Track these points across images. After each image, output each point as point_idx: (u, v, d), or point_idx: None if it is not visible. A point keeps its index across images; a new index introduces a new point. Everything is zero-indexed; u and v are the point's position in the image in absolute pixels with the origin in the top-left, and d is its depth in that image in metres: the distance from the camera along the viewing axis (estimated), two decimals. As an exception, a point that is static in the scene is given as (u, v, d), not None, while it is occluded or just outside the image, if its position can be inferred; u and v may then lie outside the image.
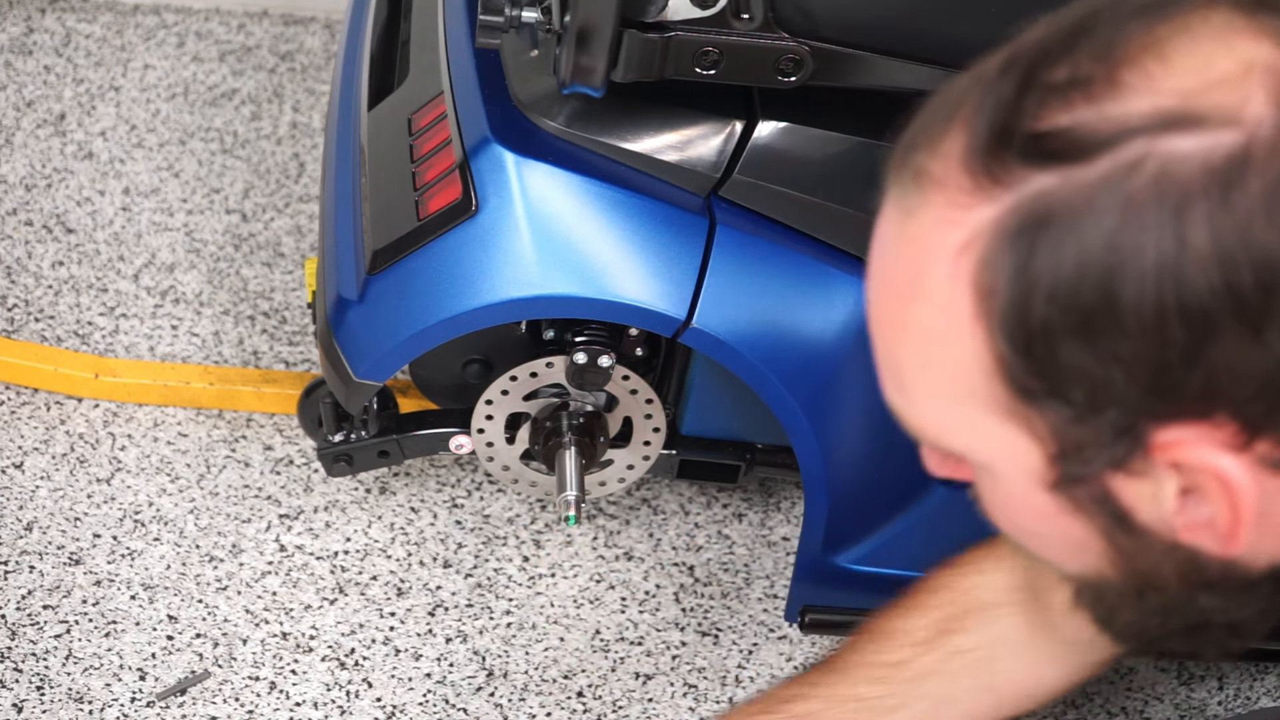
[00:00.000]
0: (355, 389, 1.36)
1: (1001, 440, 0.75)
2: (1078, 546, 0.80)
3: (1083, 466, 0.74)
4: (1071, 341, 0.69)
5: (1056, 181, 0.69)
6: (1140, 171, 0.67)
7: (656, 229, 1.29)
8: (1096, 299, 0.68)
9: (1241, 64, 0.69)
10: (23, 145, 1.96)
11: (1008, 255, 0.69)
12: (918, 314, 0.74)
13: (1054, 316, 0.69)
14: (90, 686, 1.41)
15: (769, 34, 1.18)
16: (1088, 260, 0.68)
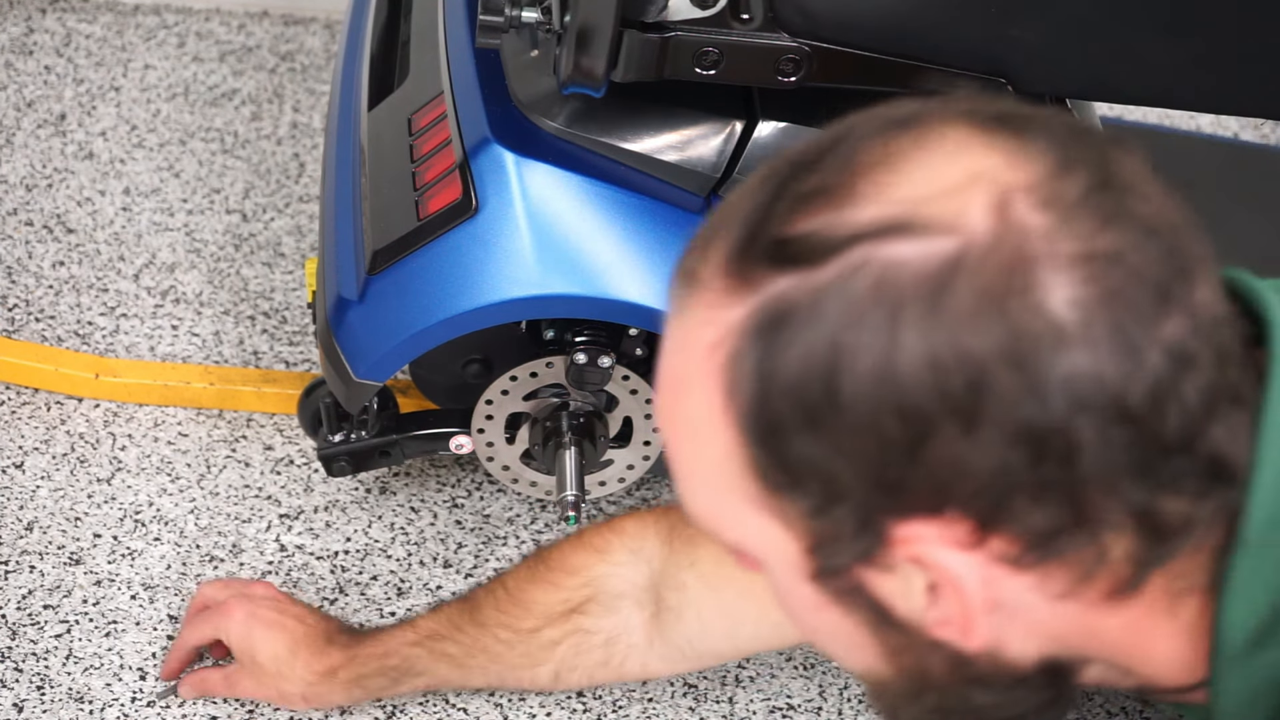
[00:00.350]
0: (355, 389, 1.36)
1: (762, 532, 0.78)
2: (851, 642, 0.83)
3: (834, 558, 0.77)
4: (801, 435, 0.72)
5: (793, 283, 0.72)
6: (862, 275, 0.70)
7: (656, 229, 1.29)
8: (819, 395, 0.71)
9: (967, 175, 0.72)
10: (23, 145, 1.96)
11: (749, 352, 0.73)
12: (684, 409, 0.77)
13: (785, 411, 0.72)
14: (91, 686, 1.41)
15: (769, 34, 1.18)
16: (813, 357, 0.71)
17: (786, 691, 1.47)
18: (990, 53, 1.21)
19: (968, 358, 0.69)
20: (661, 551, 1.24)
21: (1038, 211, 0.70)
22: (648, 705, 1.45)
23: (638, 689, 1.46)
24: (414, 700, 1.43)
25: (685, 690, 1.47)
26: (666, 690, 1.46)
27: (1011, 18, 1.19)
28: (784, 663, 1.50)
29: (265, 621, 1.32)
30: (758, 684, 1.48)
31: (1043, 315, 0.69)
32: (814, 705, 1.47)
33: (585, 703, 1.44)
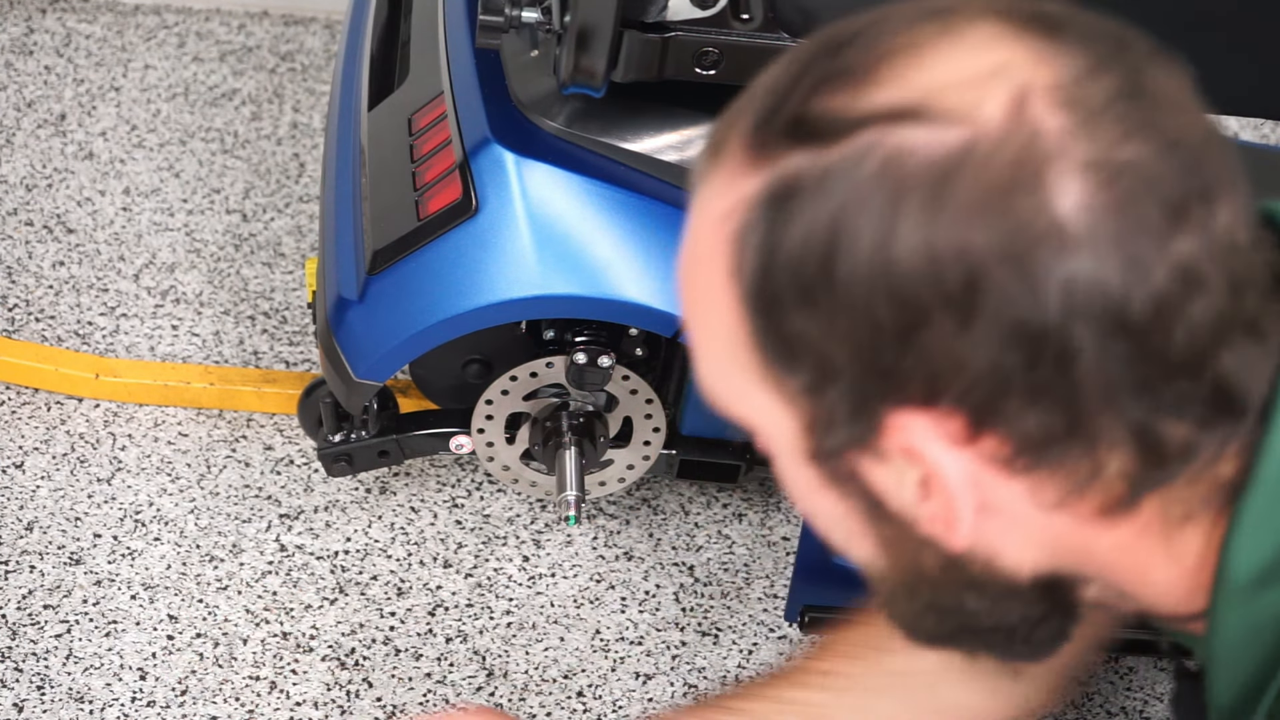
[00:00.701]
0: (355, 389, 1.36)
1: (764, 408, 0.79)
2: (848, 529, 0.83)
3: (829, 440, 0.77)
4: (797, 311, 0.73)
5: (805, 160, 0.73)
6: (870, 158, 0.71)
7: (656, 229, 1.29)
8: (816, 272, 0.72)
9: (990, 68, 0.72)
10: (23, 145, 1.96)
11: (756, 224, 0.74)
12: (694, 277, 0.78)
13: (784, 284, 0.73)
14: (91, 686, 1.41)
15: (769, 34, 1.18)
16: (814, 234, 0.72)
17: (786, 691, 1.47)
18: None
19: (966, 251, 0.69)
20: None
21: (1057, 111, 0.70)
22: (648, 705, 1.45)
23: (638, 689, 1.46)
24: (414, 701, 1.43)
25: (685, 690, 1.47)
26: (666, 690, 1.46)
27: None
28: (784, 662, 1.50)
29: None
30: (758, 684, 1.48)
31: (1046, 215, 0.69)
32: (814, 705, 1.47)
33: (585, 702, 1.44)
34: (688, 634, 1.51)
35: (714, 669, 1.49)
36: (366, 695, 1.43)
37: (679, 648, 1.50)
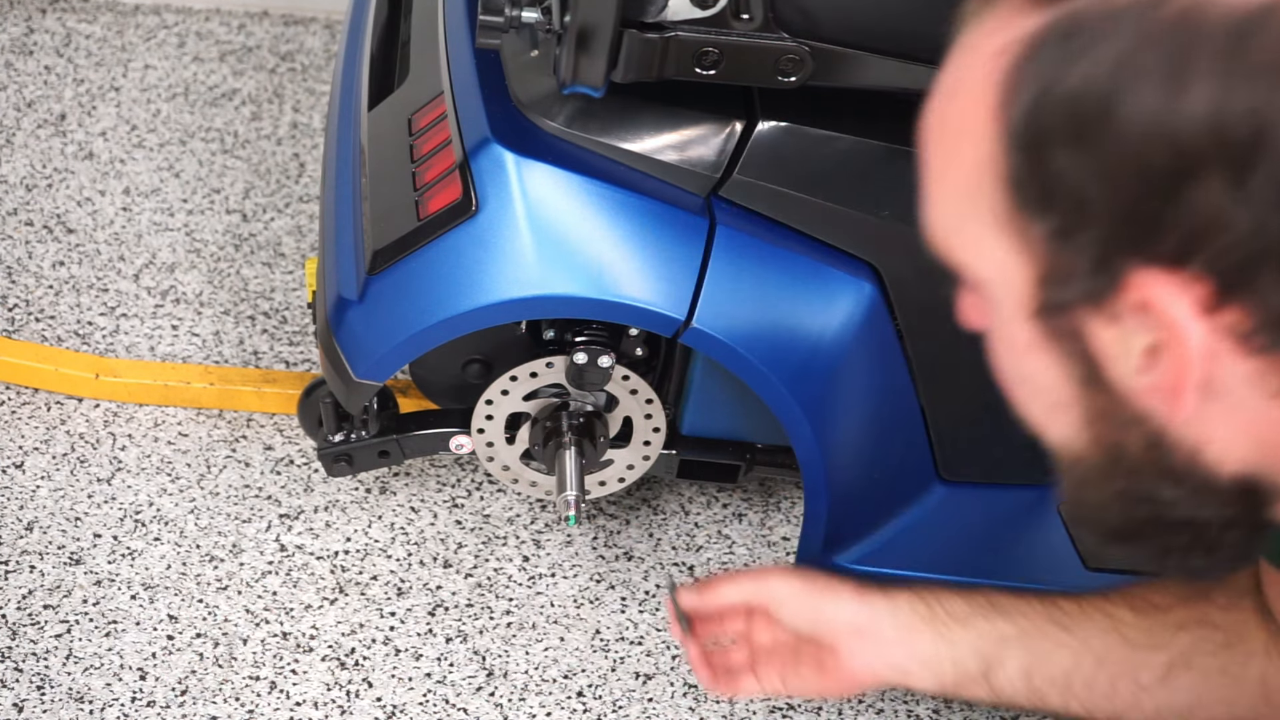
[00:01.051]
0: (355, 389, 1.36)
1: (996, 254, 0.78)
2: (1053, 398, 0.82)
3: (1063, 293, 0.76)
4: (1066, 148, 0.73)
5: (1095, 2, 0.73)
6: (1167, 5, 0.71)
7: (656, 229, 1.29)
8: (1094, 111, 0.71)
9: None
10: (23, 145, 1.96)
11: (1034, 59, 0.73)
12: (951, 111, 0.78)
13: (1055, 122, 0.73)
14: (91, 686, 1.41)
15: (769, 34, 1.18)
16: (1096, 74, 0.71)
17: (786, 691, 1.47)
18: (990, 53, 1.20)
19: (1256, 110, 0.69)
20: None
21: None
22: (648, 705, 1.45)
23: (638, 689, 1.46)
24: (414, 701, 1.43)
25: (685, 690, 1.47)
26: (666, 690, 1.46)
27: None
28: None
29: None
30: (758, 684, 1.48)
31: None
32: (814, 705, 1.47)
33: (585, 702, 1.44)
34: (688, 634, 1.51)
35: (714, 669, 1.49)
36: (366, 695, 1.43)
37: (679, 648, 1.50)
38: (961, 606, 1.21)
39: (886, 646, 1.19)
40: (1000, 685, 1.20)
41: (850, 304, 1.32)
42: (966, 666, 1.19)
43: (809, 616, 1.21)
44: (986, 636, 1.20)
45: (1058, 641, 1.19)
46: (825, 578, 1.22)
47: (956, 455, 1.44)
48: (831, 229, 1.31)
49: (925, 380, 1.38)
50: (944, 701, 1.48)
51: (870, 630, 1.19)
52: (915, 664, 1.19)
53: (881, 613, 1.20)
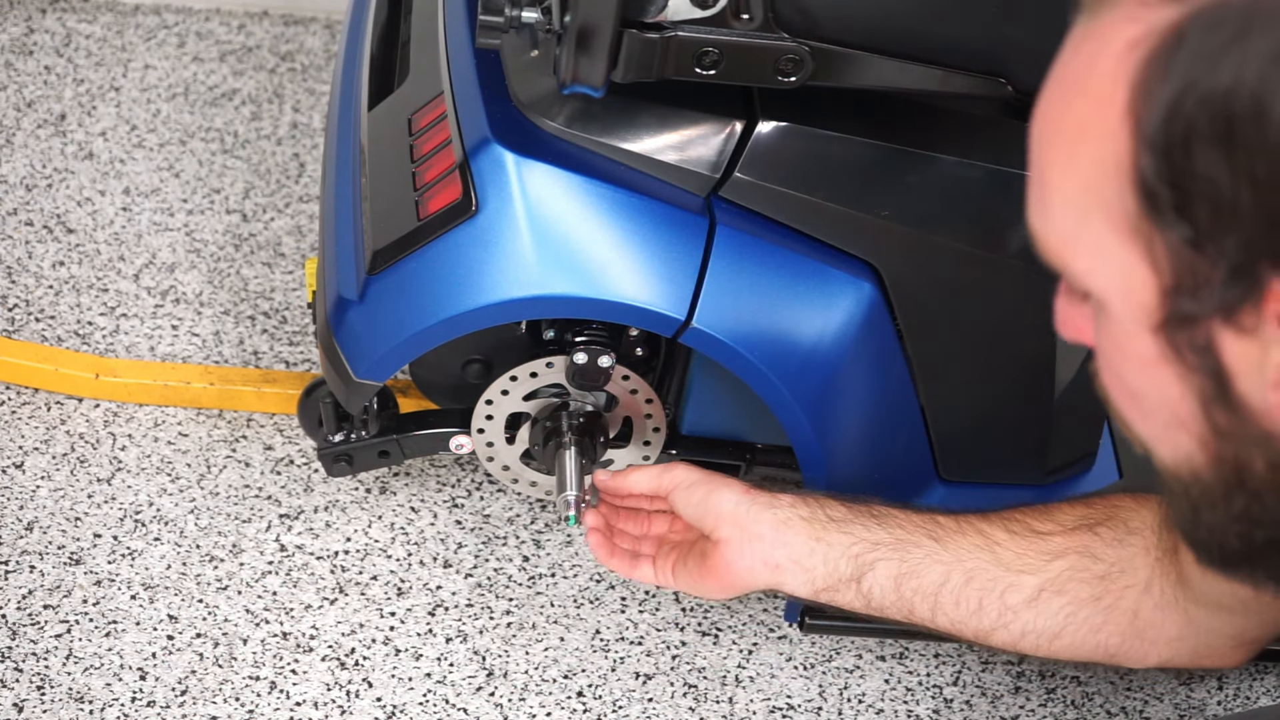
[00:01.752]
0: (355, 389, 1.36)
1: (1121, 264, 0.74)
2: (1174, 415, 0.78)
3: (1194, 304, 0.72)
4: (1210, 150, 0.68)
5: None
6: None
7: (656, 229, 1.29)
8: (1245, 111, 0.67)
9: None
10: (23, 145, 1.96)
11: (1176, 54, 0.69)
12: (1075, 109, 0.73)
13: (1200, 120, 0.68)
14: (91, 686, 1.41)
15: (769, 34, 1.18)
16: (1249, 69, 0.67)
17: (786, 691, 1.47)
18: (990, 52, 1.21)
19: None
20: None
21: None
22: (648, 705, 1.45)
23: (638, 689, 1.46)
24: (414, 701, 1.43)
25: (685, 690, 1.47)
26: (666, 690, 1.46)
27: (1011, 17, 1.19)
28: (784, 663, 1.50)
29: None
30: (758, 684, 1.48)
31: None
32: (814, 705, 1.47)
33: (585, 702, 1.44)
34: (688, 634, 1.51)
35: (714, 669, 1.49)
36: (366, 695, 1.43)
37: (679, 648, 1.50)
38: (841, 512, 1.24)
39: (762, 543, 1.23)
40: (870, 591, 1.23)
41: (850, 304, 1.32)
42: (838, 569, 1.22)
43: (697, 505, 1.25)
44: (861, 541, 1.22)
45: (930, 553, 1.21)
46: (722, 475, 1.27)
47: (956, 456, 1.44)
48: (831, 229, 1.31)
49: (925, 380, 1.38)
50: (944, 701, 1.49)
51: (749, 525, 1.23)
52: (789, 562, 1.22)
53: (762, 509, 1.23)
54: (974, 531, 1.21)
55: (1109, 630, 1.20)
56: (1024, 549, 1.20)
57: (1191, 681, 1.53)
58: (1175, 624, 1.18)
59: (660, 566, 1.31)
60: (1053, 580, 1.19)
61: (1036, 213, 0.78)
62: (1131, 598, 1.18)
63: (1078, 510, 1.21)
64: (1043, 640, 1.21)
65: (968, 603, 1.21)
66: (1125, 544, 1.19)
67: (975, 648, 1.53)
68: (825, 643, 1.52)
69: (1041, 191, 0.76)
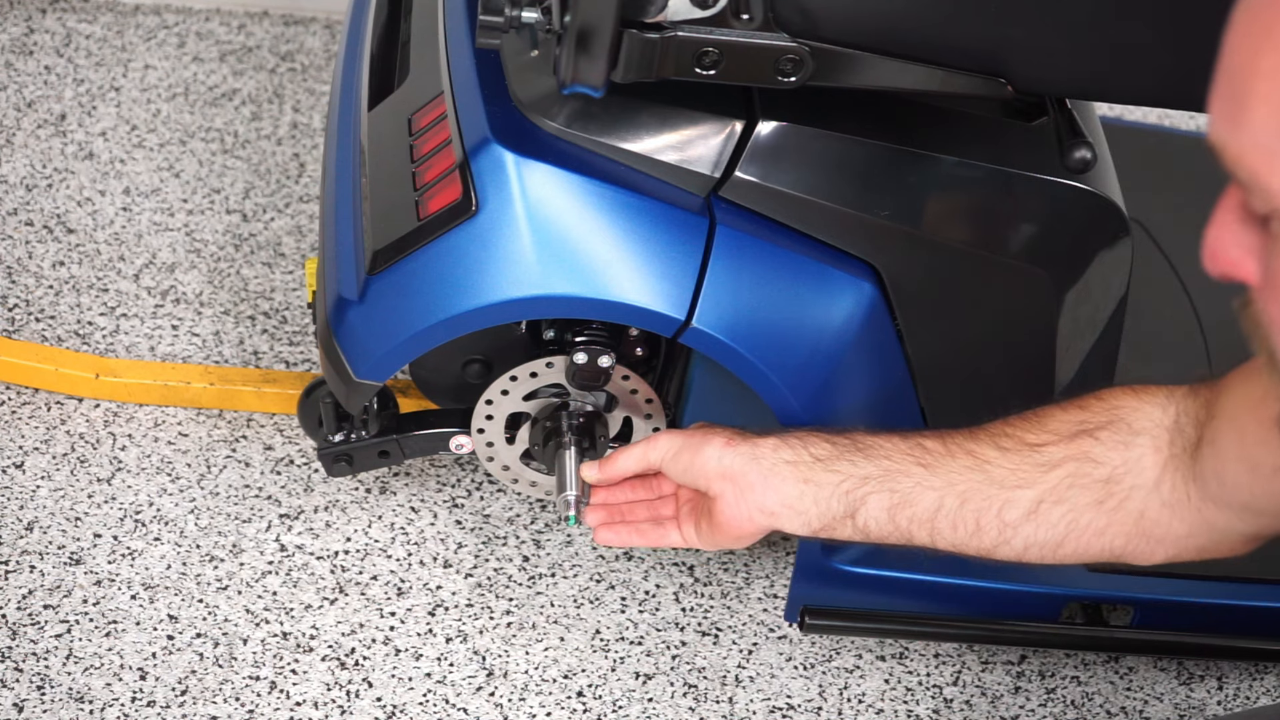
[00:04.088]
0: (355, 389, 1.36)
1: None
2: None
3: None
4: None
5: None
6: None
7: (656, 229, 1.29)
8: None
9: None
10: (23, 145, 1.96)
11: None
12: None
13: None
14: (91, 686, 1.41)
15: (769, 34, 1.18)
16: None
17: (786, 691, 1.48)
18: (989, 52, 1.21)
19: None
20: (1189, 396, 1.16)
21: None
22: (648, 705, 1.45)
23: (638, 689, 1.46)
24: (414, 701, 1.43)
25: (685, 690, 1.47)
26: (666, 690, 1.46)
27: (1010, 17, 1.19)
28: (784, 662, 1.50)
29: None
30: (758, 684, 1.48)
31: None
32: (814, 705, 1.47)
33: (585, 702, 1.45)
34: (688, 634, 1.51)
35: (714, 669, 1.49)
36: (366, 695, 1.43)
37: (679, 648, 1.50)
38: (826, 449, 1.24)
39: (754, 492, 1.23)
40: (866, 525, 1.23)
41: (850, 304, 1.32)
42: (831, 507, 1.23)
43: (685, 470, 1.26)
44: (850, 478, 1.22)
45: (920, 481, 1.21)
46: (702, 432, 1.27)
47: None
48: (831, 229, 1.31)
49: (925, 380, 1.38)
50: (944, 701, 1.49)
51: (738, 477, 1.23)
52: (782, 507, 1.23)
53: (746, 459, 1.24)
54: (963, 453, 1.21)
55: (1113, 532, 1.18)
56: (1017, 464, 1.19)
57: (1191, 682, 1.53)
58: (1185, 521, 1.17)
59: (685, 529, 1.32)
60: (1051, 490, 1.18)
61: (1227, 122, 0.74)
62: (1138, 498, 1.17)
63: (1073, 415, 1.19)
64: (1046, 550, 1.20)
65: (965, 525, 1.21)
66: (1130, 445, 1.17)
67: (975, 648, 1.53)
68: (825, 643, 1.52)
69: (1240, 100, 0.73)
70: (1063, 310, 1.36)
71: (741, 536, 1.27)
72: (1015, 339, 1.39)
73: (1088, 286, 1.37)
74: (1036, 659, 1.53)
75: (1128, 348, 1.45)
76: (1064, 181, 1.31)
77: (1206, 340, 1.67)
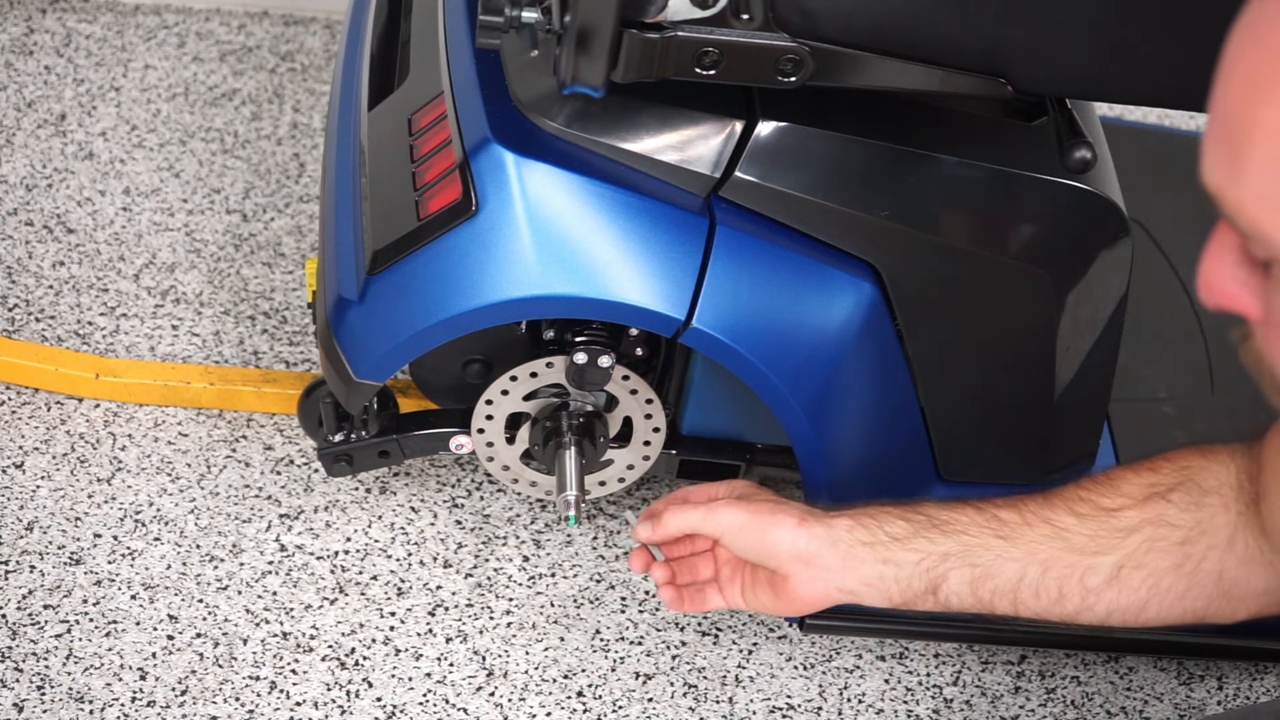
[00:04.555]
0: (355, 389, 1.36)
1: None
2: None
3: None
4: None
5: None
6: None
7: (656, 229, 1.29)
8: None
9: None
10: (23, 145, 1.96)
11: None
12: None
13: None
14: (91, 686, 1.41)
15: (769, 34, 1.18)
16: None
17: (786, 691, 1.47)
18: (990, 52, 1.21)
19: None
20: (1244, 453, 1.18)
21: None
22: (648, 705, 1.45)
23: (638, 689, 1.46)
24: (414, 701, 1.43)
25: (685, 690, 1.47)
26: (666, 690, 1.46)
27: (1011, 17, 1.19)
28: (784, 662, 1.50)
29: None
30: (758, 684, 1.48)
31: None
32: (814, 705, 1.47)
33: (585, 702, 1.44)
34: (688, 634, 1.51)
35: (714, 669, 1.49)
36: (366, 695, 1.43)
37: (679, 648, 1.50)
38: (902, 527, 1.23)
39: (832, 574, 1.23)
40: (948, 599, 1.23)
41: (850, 304, 1.32)
42: (912, 586, 1.23)
43: (754, 549, 1.25)
44: (929, 555, 1.22)
45: (1000, 553, 1.21)
46: (769, 507, 1.26)
47: (956, 455, 1.44)
48: (831, 229, 1.31)
49: (925, 380, 1.38)
50: (944, 701, 1.49)
51: (815, 559, 1.23)
52: (862, 587, 1.23)
53: (823, 541, 1.23)
54: (1040, 521, 1.21)
55: (1194, 595, 1.19)
56: (1095, 530, 1.19)
57: (1191, 682, 1.53)
58: (1261, 577, 1.18)
59: (728, 592, 1.31)
60: (1130, 555, 1.19)
61: (1225, 171, 0.74)
62: (1215, 558, 1.18)
63: (1144, 478, 1.20)
64: (1129, 615, 1.21)
65: (1048, 593, 1.21)
66: (1202, 506, 1.18)
67: (975, 648, 1.53)
68: (825, 643, 1.52)
69: (1237, 150, 0.73)
70: (1063, 310, 1.36)
71: (809, 609, 1.26)
72: (1015, 339, 1.39)
73: (1088, 286, 1.37)
74: (1036, 659, 1.53)
75: (1128, 348, 1.45)
76: (1064, 181, 1.31)
77: (1206, 340, 1.67)
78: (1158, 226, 1.77)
